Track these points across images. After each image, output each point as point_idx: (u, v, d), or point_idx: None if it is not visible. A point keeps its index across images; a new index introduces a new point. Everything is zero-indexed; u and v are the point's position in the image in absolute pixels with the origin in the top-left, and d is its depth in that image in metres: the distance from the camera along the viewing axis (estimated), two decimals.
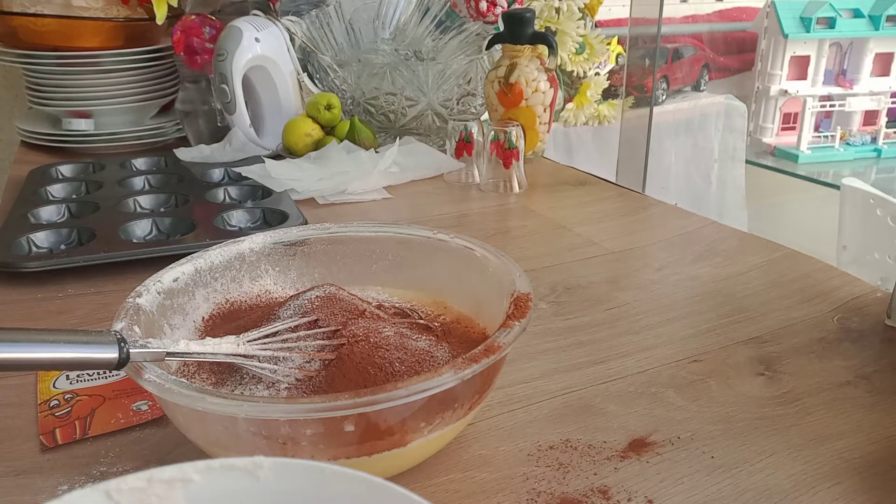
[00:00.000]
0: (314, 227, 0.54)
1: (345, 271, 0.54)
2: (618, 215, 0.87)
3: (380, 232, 0.54)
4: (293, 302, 0.45)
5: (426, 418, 0.37)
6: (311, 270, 0.53)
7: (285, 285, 0.53)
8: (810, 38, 3.10)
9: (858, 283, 0.65)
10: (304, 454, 0.36)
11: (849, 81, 3.20)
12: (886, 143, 3.18)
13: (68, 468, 0.41)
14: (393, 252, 0.53)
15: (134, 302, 0.42)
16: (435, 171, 0.99)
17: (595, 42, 1.42)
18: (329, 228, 0.54)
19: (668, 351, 0.54)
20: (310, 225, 0.57)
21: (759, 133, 3.26)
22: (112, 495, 0.22)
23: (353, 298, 0.46)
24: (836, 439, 0.44)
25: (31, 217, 0.78)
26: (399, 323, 0.46)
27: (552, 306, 0.62)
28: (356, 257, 0.54)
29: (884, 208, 1.26)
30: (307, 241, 0.53)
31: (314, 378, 0.40)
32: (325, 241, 0.54)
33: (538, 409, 0.47)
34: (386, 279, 0.53)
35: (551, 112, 1.05)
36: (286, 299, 0.47)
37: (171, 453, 0.43)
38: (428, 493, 0.39)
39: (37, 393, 0.48)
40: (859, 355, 0.53)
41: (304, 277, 0.53)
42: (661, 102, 2.30)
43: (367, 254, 0.54)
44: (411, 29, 1.10)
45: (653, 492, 0.39)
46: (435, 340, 0.45)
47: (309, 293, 0.46)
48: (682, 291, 0.65)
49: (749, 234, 0.78)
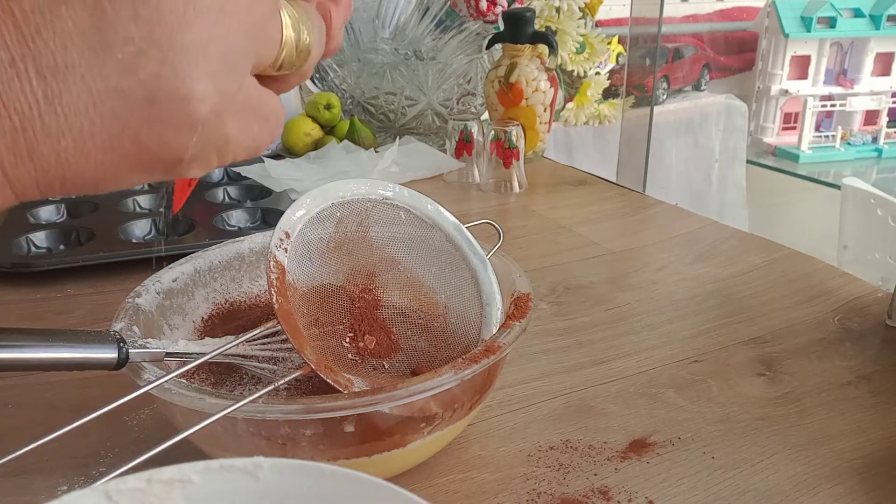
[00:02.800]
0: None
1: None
2: (618, 215, 0.87)
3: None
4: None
5: (426, 419, 0.37)
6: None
7: None
8: (811, 38, 3.10)
9: (859, 284, 0.65)
10: (303, 455, 0.35)
11: (849, 81, 3.20)
12: (887, 143, 3.18)
13: (68, 468, 0.41)
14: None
15: (133, 302, 0.42)
16: (435, 171, 0.99)
17: (595, 41, 1.42)
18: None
19: (669, 351, 0.54)
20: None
21: (760, 133, 3.26)
22: (112, 495, 0.22)
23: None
24: (837, 440, 0.44)
25: (30, 217, 0.78)
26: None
27: (552, 306, 0.62)
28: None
29: (885, 208, 1.26)
30: None
31: (314, 378, 0.40)
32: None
33: (538, 409, 0.47)
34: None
35: (551, 112, 1.05)
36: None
37: (170, 454, 0.43)
38: (428, 493, 0.39)
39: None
40: (860, 356, 0.53)
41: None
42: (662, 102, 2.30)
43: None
44: (411, 28, 1.10)
45: (653, 492, 0.39)
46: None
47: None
48: (683, 291, 0.65)
49: (750, 234, 0.78)
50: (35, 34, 0.18)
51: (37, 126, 0.19)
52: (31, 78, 0.18)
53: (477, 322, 0.44)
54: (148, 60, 0.20)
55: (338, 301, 0.44)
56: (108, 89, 0.19)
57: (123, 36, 0.19)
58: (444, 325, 0.46)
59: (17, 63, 0.18)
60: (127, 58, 0.19)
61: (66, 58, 0.19)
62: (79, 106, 0.19)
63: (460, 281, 0.46)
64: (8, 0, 0.18)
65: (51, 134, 0.19)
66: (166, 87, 0.20)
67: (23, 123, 0.19)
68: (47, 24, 0.18)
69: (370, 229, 0.46)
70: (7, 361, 0.32)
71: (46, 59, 0.18)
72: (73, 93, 0.19)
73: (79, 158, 0.20)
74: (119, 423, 0.45)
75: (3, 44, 0.18)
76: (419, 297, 0.47)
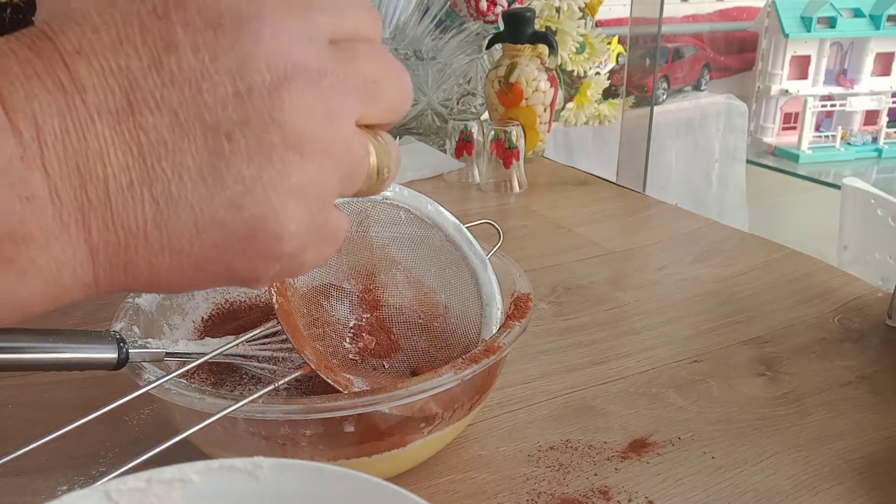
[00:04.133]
0: None
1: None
2: (618, 215, 0.87)
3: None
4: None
5: (426, 419, 0.37)
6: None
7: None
8: (811, 38, 3.09)
9: (859, 284, 0.65)
10: (303, 455, 0.35)
11: (849, 81, 3.20)
12: (887, 143, 3.17)
13: (68, 468, 0.41)
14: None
15: (133, 302, 0.42)
16: (435, 171, 0.99)
17: (595, 41, 1.42)
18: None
19: (669, 351, 0.54)
20: None
21: (760, 133, 3.26)
22: (112, 495, 0.22)
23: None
24: (837, 440, 0.44)
25: None
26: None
27: (552, 306, 0.62)
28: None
29: (885, 208, 1.26)
30: None
31: (314, 378, 0.40)
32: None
33: (538, 409, 0.47)
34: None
35: (551, 112, 1.05)
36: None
37: (170, 454, 0.43)
38: (428, 493, 0.39)
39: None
40: (860, 356, 0.53)
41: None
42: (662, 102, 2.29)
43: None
44: (411, 28, 1.10)
45: (653, 492, 0.39)
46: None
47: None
48: (683, 291, 0.65)
49: (750, 234, 0.78)
50: (156, 163, 0.20)
51: (139, 243, 0.20)
52: (144, 202, 0.20)
53: (477, 322, 0.44)
54: (254, 200, 0.21)
55: (338, 301, 0.44)
56: (214, 221, 0.21)
57: (235, 175, 0.20)
58: (444, 325, 0.46)
59: (134, 186, 0.20)
60: (235, 195, 0.21)
61: (180, 188, 0.20)
62: (183, 231, 0.20)
63: (460, 281, 0.46)
64: (137, 129, 0.19)
65: (151, 251, 0.21)
66: (265, 227, 0.21)
67: (127, 239, 0.20)
68: (169, 155, 0.20)
69: (370, 229, 0.46)
70: (7, 361, 0.32)
71: (162, 187, 0.20)
72: (181, 219, 0.20)
73: (171, 274, 0.21)
74: (119, 423, 0.45)
75: (125, 167, 0.19)
76: (419, 297, 0.47)
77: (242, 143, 0.20)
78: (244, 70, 0.20)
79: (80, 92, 0.19)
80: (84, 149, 0.19)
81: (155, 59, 0.19)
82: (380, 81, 0.23)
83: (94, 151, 0.19)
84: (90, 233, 0.20)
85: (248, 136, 0.20)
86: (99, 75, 0.19)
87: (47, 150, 0.19)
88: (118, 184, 0.19)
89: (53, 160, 0.19)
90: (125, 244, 0.20)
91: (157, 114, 0.20)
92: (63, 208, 0.19)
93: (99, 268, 0.20)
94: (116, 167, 0.19)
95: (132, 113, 0.19)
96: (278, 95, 0.20)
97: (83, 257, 0.20)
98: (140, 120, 0.19)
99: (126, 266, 0.21)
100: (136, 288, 0.22)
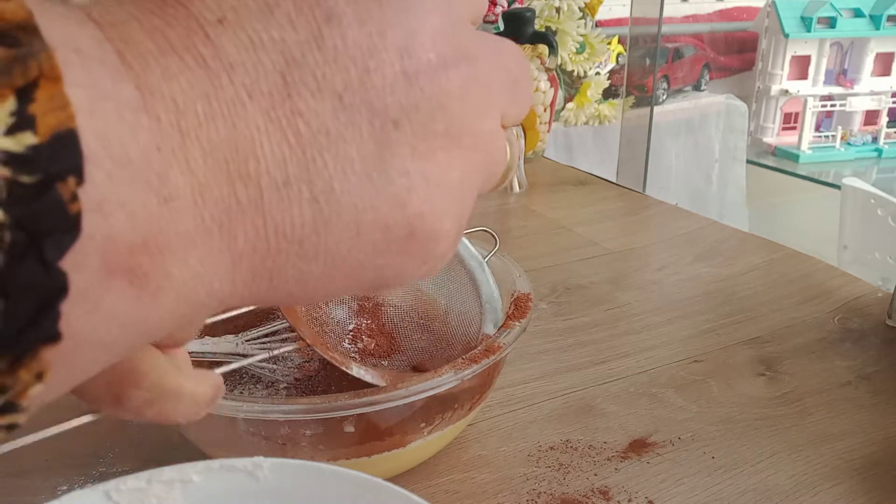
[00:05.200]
0: None
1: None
2: (618, 215, 0.87)
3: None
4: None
5: (426, 419, 0.37)
6: None
7: None
8: (811, 38, 3.10)
9: (859, 284, 0.65)
10: (303, 455, 0.35)
11: (849, 81, 3.20)
12: (887, 143, 3.17)
13: (68, 468, 0.41)
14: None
15: None
16: None
17: (595, 41, 1.42)
18: None
19: (669, 351, 0.54)
20: None
21: (760, 133, 3.26)
22: (112, 495, 0.22)
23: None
24: (837, 440, 0.44)
25: None
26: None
27: (552, 306, 0.62)
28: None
29: (885, 208, 1.26)
30: None
31: (314, 378, 0.40)
32: None
33: (538, 409, 0.47)
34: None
35: (551, 112, 1.05)
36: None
37: (170, 454, 0.43)
38: (428, 493, 0.39)
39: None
40: (860, 356, 0.53)
41: None
42: (662, 102, 2.30)
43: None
44: None
45: (653, 492, 0.39)
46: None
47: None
48: (683, 291, 0.65)
49: (750, 234, 0.78)
50: (317, 155, 0.16)
51: (293, 250, 0.17)
52: (302, 201, 0.17)
53: (477, 322, 0.44)
54: (417, 196, 0.18)
55: (338, 302, 0.44)
56: (376, 221, 0.18)
57: (399, 168, 0.18)
58: (444, 325, 0.46)
59: (291, 184, 0.16)
60: (400, 191, 0.18)
61: (343, 184, 0.17)
62: (342, 235, 0.17)
63: (458, 283, 0.46)
64: (295, 115, 0.16)
65: (304, 258, 0.17)
66: (424, 226, 0.18)
67: (279, 245, 0.17)
68: (332, 146, 0.17)
69: None
70: None
71: (324, 184, 0.17)
72: (343, 221, 0.17)
73: (318, 283, 0.18)
74: (119, 423, 0.45)
75: (281, 161, 0.16)
76: (419, 298, 0.47)
77: (409, 132, 0.18)
78: (413, 47, 0.17)
79: (228, 70, 0.15)
80: (233, 139, 0.16)
81: (314, 32, 0.16)
82: (520, 81, 0.21)
83: (245, 142, 0.16)
84: (235, 240, 0.16)
85: (415, 123, 0.18)
86: (248, 49, 0.16)
87: (189, 141, 0.15)
88: (273, 181, 0.16)
89: (197, 152, 0.15)
90: (276, 251, 0.17)
91: (318, 97, 0.16)
92: (206, 211, 0.16)
93: (239, 279, 0.17)
94: (271, 161, 0.16)
95: (289, 96, 0.16)
96: (446, 78, 0.18)
97: (225, 269, 0.16)
98: (298, 104, 0.16)
99: (272, 277, 0.17)
100: (272, 300, 0.19)
